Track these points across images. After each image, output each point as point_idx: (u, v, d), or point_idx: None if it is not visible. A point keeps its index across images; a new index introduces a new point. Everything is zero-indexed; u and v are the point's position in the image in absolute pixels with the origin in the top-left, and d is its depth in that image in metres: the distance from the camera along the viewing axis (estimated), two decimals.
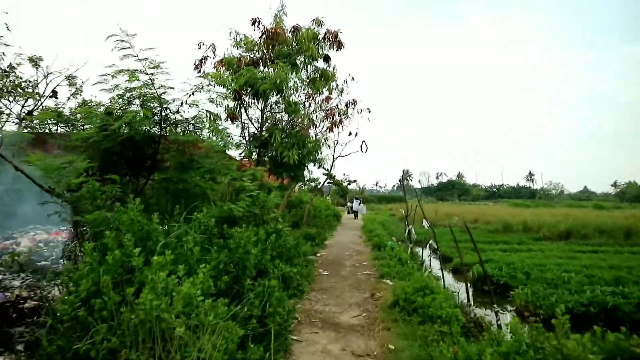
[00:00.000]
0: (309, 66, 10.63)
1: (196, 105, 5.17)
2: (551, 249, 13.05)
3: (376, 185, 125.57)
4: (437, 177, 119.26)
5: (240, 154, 9.46)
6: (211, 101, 5.21)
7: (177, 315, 2.57)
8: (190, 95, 5.13)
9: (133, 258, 2.83)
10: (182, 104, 5.01)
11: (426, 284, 5.49)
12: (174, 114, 5.09)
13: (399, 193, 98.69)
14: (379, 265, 8.41)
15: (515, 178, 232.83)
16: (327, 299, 6.08)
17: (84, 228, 4.11)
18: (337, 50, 10.57)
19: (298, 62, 9.78)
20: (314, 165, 9.98)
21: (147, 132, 5.08)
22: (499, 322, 4.46)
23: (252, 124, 10.22)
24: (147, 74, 4.67)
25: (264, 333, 3.48)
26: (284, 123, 9.97)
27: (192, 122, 5.33)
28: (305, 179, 12.39)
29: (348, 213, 29.50)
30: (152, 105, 4.93)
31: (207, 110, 5.48)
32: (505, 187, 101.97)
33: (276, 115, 10.13)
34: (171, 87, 4.89)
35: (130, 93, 5.02)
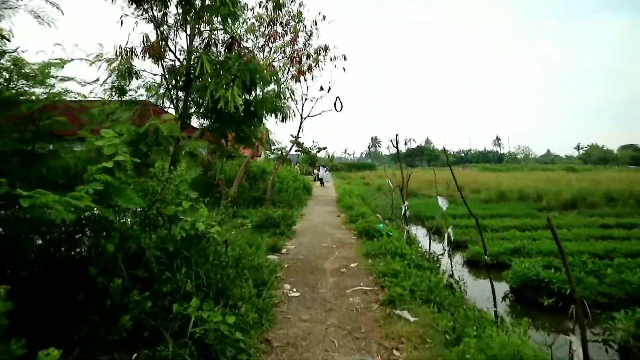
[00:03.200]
0: None
1: None
2: (570, 224, 10.54)
3: (345, 152, 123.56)
4: (405, 144, 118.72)
5: (151, 97, 5.83)
6: None
7: None
8: None
9: None
10: None
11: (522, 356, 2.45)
12: None
13: (368, 160, 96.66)
14: (379, 273, 5.36)
15: (483, 143, 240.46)
16: None
17: None
18: None
19: None
20: (275, 116, 6.44)
21: None
22: None
23: (177, 57, 6.48)
24: None
25: None
26: (218, 47, 6.17)
27: None
28: (265, 141, 8.76)
29: (314, 180, 29.54)
30: None
31: None
32: (473, 152, 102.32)
33: (207, 37, 6.30)
34: None
35: None
